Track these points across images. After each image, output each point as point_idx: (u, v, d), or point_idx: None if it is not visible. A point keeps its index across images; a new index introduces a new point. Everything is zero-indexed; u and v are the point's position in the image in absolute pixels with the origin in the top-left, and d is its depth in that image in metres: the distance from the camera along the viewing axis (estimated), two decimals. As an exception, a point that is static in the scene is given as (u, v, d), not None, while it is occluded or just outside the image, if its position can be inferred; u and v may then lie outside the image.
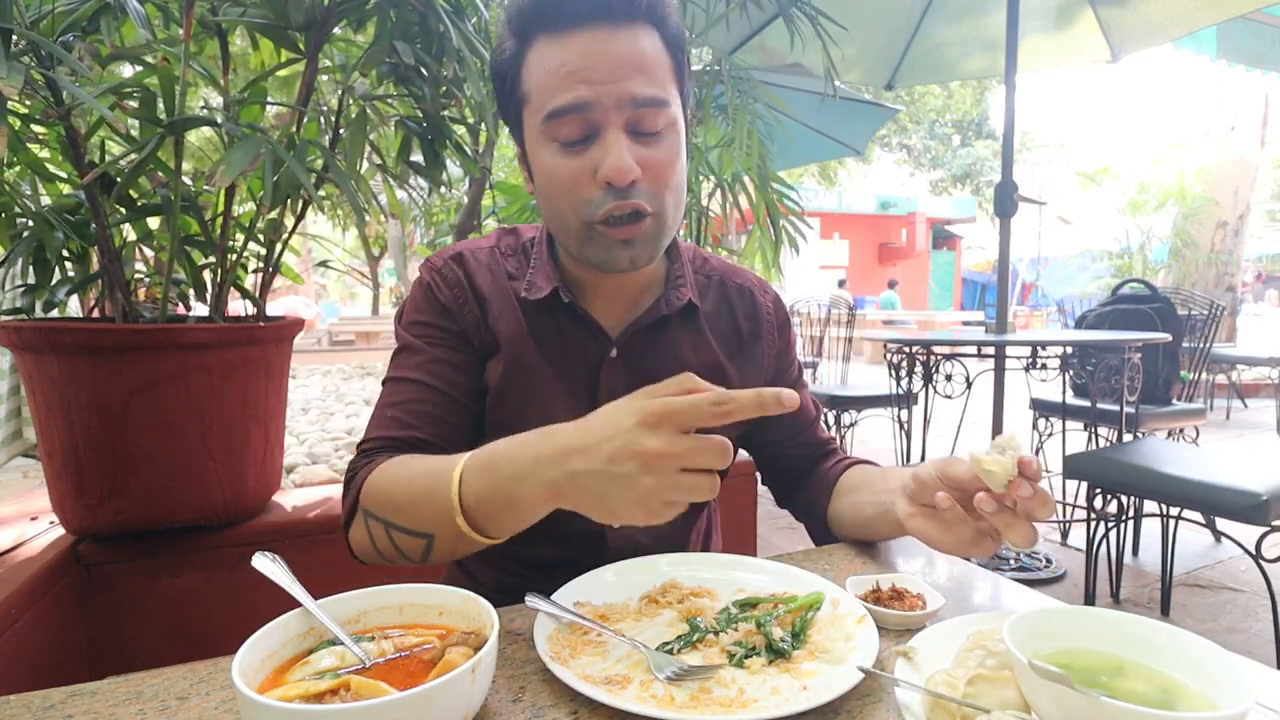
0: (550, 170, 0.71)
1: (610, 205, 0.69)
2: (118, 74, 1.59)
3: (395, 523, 0.67)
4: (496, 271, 0.83)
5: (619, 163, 0.67)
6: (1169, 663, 0.50)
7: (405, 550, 0.68)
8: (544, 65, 0.68)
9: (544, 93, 0.68)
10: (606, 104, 0.67)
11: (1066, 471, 2.26)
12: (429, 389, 0.78)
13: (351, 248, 10.68)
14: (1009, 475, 0.59)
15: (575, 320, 0.81)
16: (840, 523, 0.87)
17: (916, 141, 19.77)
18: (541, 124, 0.69)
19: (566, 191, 0.70)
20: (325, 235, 8.34)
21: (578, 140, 0.68)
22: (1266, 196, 17.13)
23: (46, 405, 1.13)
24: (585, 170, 0.69)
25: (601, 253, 0.72)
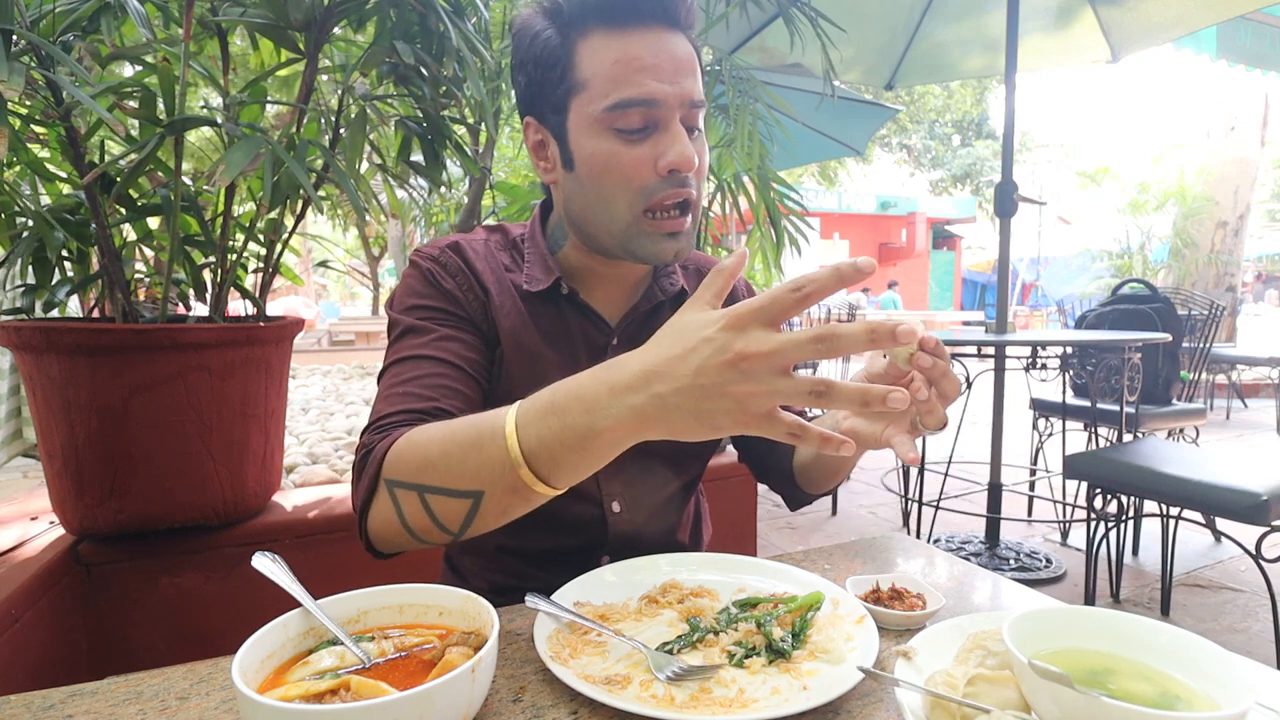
0: (607, 156, 0.72)
1: (668, 191, 0.72)
2: (118, 74, 1.59)
3: (432, 485, 0.60)
4: (493, 262, 0.84)
5: (687, 151, 0.71)
6: (1169, 663, 0.50)
7: (443, 518, 0.61)
8: (608, 55, 0.70)
9: (608, 82, 0.70)
10: (671, 101, 0.70)
11: (1066, 471, 2.26)
12: (443, 363, 0.74)
13: (351, 248, 10.68)
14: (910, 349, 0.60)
15: (576, 310, 0.83)
16: (803, 469, 0.89)
17: (916, 141, 19.77)
18: (602, 112, 0.71)
19: (625, 178, 0.72)
20: (325, 235, 8.33)
21: (637, 130, 0.71)
22: (1266, 196, 17.14)
23: (46, 405, 1.13)
24: (646, 158, 0.71)
25: (649, 244, 0.74)
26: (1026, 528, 3.20)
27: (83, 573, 1.22)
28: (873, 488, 3.85)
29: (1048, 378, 2.67)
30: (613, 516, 0.85)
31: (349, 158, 1.32)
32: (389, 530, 0.65)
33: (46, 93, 1.11)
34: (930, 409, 0.60)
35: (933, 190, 20.66)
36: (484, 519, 0.60)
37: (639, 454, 0.84)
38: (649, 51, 0.69)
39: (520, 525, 0.73)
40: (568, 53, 0.72)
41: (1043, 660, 0.45)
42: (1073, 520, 3.00)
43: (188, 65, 1.16)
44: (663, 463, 0.88)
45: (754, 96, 2.16)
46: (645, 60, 0.69)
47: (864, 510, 3.49)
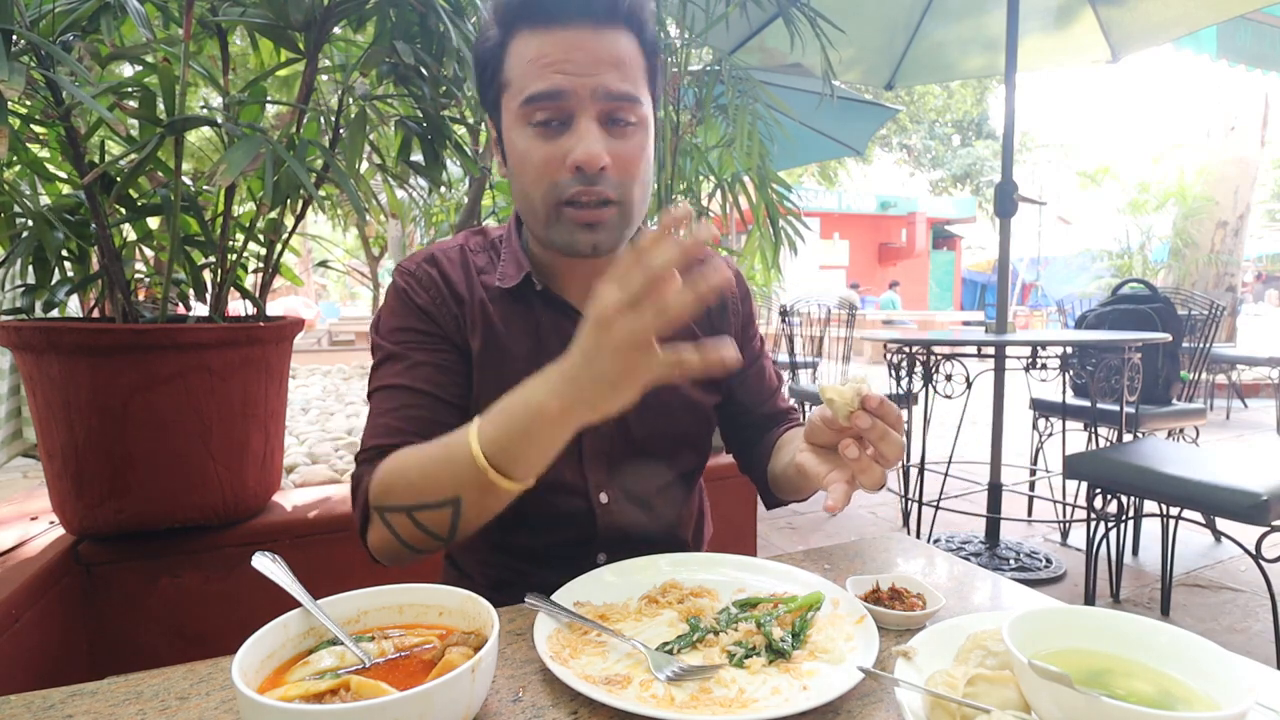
0: (523, 152, 0.74)
1: (576, 189, 0.73)
2: (118, 74, 1.59)
3: (415, 503, 0.67)
4: (468, 268, 0.85)
5: (590, 149, 0.71)
6: (1169, 663, 0.50)
7: (432, 528, 0.67)
8: (525, 54, 0.72)
9: (523, 79, 0.72)
10: (581, 94, 0.71)
11: (1066, 471, 2.26)
12: (416, 393, 0.79)
13: (351, 248, 10.67)
14: (850, 407, 0.63)
15: (549, 305, 0.84)
16: (774, 478, 0.90)
17: (916, 141, 19.76)
18: (518, 108, 0.73)
19: (538, 173, 0.73)
20: (325, 235, 8.33)
21: (551, 125, 0.72)
22: (1266, 196, 17.14)
23: (46, 405, 1.13)
24: (557, 154, 0.72)
25: (565, 235, 0.75)
26: (1026, 528, 3.20)
27: (83, 573, 1.22)
28: (873, 488, 3.85)
29: (1048, 378, 2.67)
30: (601, 508, 0.85)
31: (349, 158, 1.32)
32: (389, 549, 0.73)
33: (46, 93, 1.11)
34: (864, 469, 0.64)
35: (933, 190, 20.66)
36: (467, 520, 0.66)
37: (624, 443, 0.85)
38: (562, 47, 0.71)
39: (512, 523, 0.73)
40: (501, 52, 0.75)
41: (1043, 660, 0.45)
42: (1073, 520, 2.99)
43: (188, 65, 1.16)
44: (652, 452, 0.88)
45: (753, 96, 2.16)
46: (555, 55, 0.71)
47: (864, 510, 3.49)
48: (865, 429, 0.62)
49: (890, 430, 0.63)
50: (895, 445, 0.63)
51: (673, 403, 0.87)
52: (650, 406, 0.84)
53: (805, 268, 12.91)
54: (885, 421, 0.63)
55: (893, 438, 0.63)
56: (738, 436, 0.99)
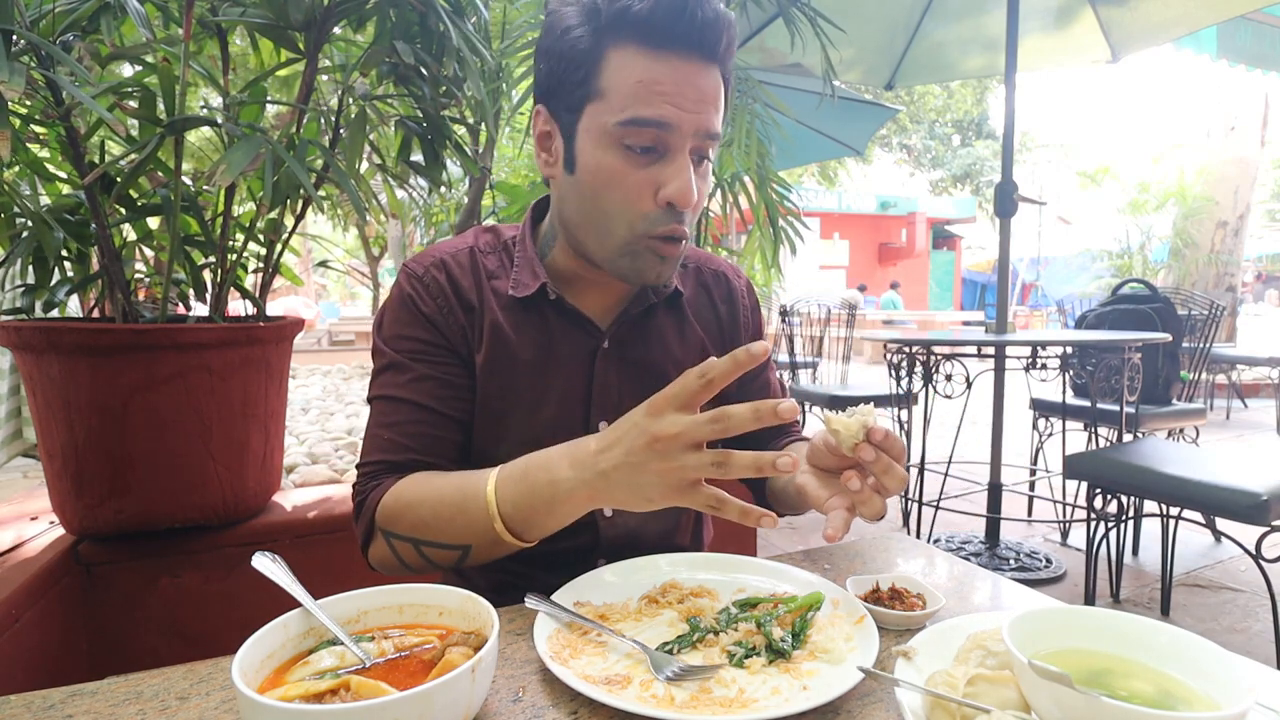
0: (610, 170, 0.71)
1: (667, 227, 0.72)
2: (118, 74, 1.59)
3: (426, 539, 0.71)
4: (477, 272, 0.83)
5: (689, 190, 0.71)
6: (1169, 663, 0.50)
7: (438, 561, 0.72)
8: (633, 72, 0.69)
9: (627, 98, 0.69)
10: (685, 130, 0.70)
11: (1066, 471, 2.26)
12: (421, 409, 0.78)
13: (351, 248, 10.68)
14: (854, 438, 0.64)
15: (563, 315, 0.82)
16: (773, 492, 0.90)
17: (916, 141, 19.76)
18: (614, 125, 0.70)
19: (625, 199, 0.72)
20: (325, 235, 8.33)
21: (645, 150, 0.71)
22: (1266, 196, 17.13)
23: (46, 405, 1.13)
24: (648, 184, 0.71)
25: (638, 264, 0.75)
26: (1026, 528, 3.20)
27: (83, 573, 1.22)
28: (873, 488, 3.85)
29: (1048, 378, 2.67)
30: (604, 521, 0.85)
31: (349, 158, 1.32)
32: (389, 566, 0.76)
33: (46, 93, 1.11)
34: (865, 499, 0.64)
35: (933, 190, 20.65)
36: (474, 561, 0.71)
37: None
38: (674, 77, 0.69)
39: None
40: (596, 59, 0.71)
41: (1043, 660, 0.45)
42: (1073, 520, 2.99)
43: (188, 65, 1.16)
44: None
45: (753, 96, 2.16)
46: (668, 85, 0.69)
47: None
48: (869, 461, 0.63)
49: (894, 463, 0.63)
50: (898, 478, 0.63)
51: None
52: None
53: (805, 268, 12.91)
54: (889, 454, 0.63)
55: (896, 471, 0.63)
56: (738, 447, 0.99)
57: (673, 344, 0.87)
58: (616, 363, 0.83)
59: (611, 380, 0.83)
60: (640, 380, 0.84)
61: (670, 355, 0.87)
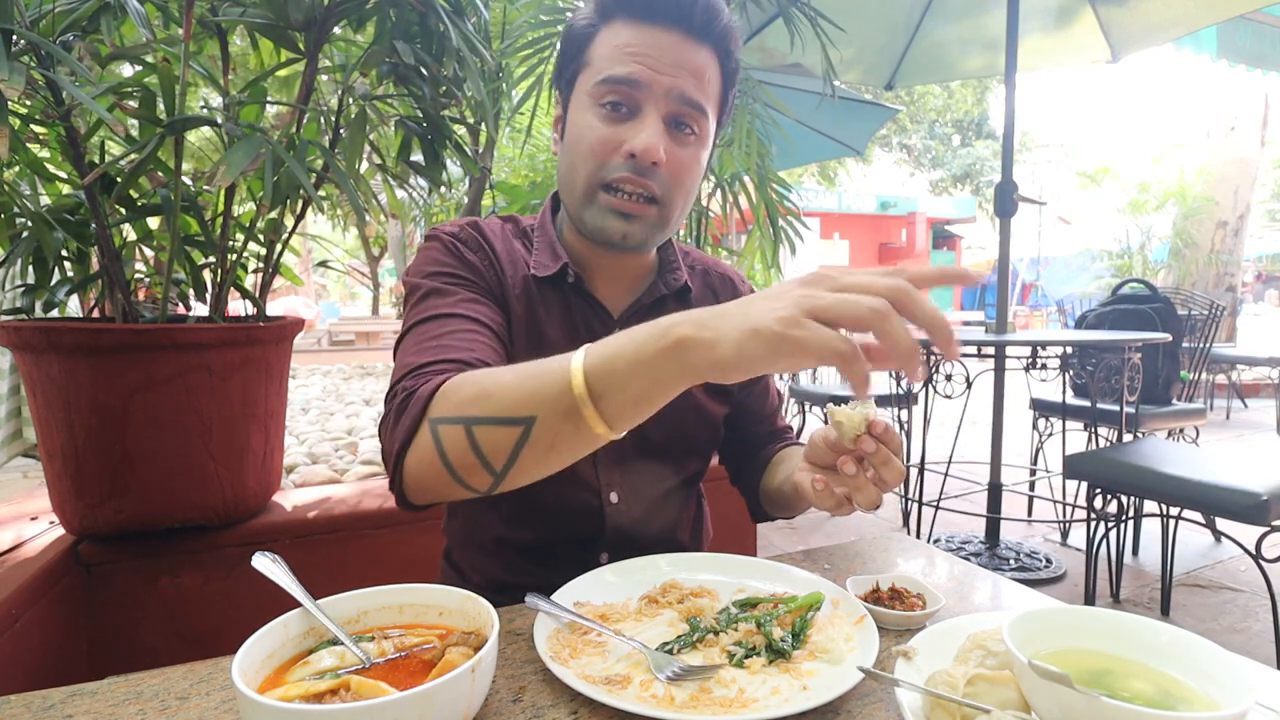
0: (584, 127, 0.75)
1: (622, 174, 0.74)
2: (118, 74, 1.58)
3: (483, 415, 0.57)
4: (508, 244, 0.85)
5: (649, 140, 0.72)
6: (1169, 663, 0.50)
7: (489, 450, 0.57)
8: (614, 40, 0.74)
9: (605, 61, 0.74)
10: (656, 90, 0.73)
11: (1066, 471, 2.26)
12: (475, 322, 0.72)
13: (351, 248, 10.67)
14: (856, 430, 0.64)
15: (581, 298, 0.85)
16: (767, 495, 0.91)
17: (916, 141, 19.76)
18: (592, 87, 0.74)
19: (590, 150, 0.74)
20: (325, 235, 8.33)
21: (619, 110, 0.74)
22: (1266, 196, 17.13)
23: (46, 405, 1.13)
24: (615, 138, 0.74)
25: (598, 218, 0.76)
26: (1026, 528, 3.20)
27: (83, 573, 1.22)
28: (873, 488, 3.85)
29: (1048, 378, 2.67)
30: (610, 507, 0.86)
31: (349, 158, 1.32)
32: (429, 472, 0.61)
33: (46, 93, 1.11)
34: (860, 487, 0.64)
35: (933, 190, 20.65)
36: (532, 451, 0.56)
37: (638, 445, 0.85)
38: (650, 42, 0.73)
39: (519, 515, 0.73)
40: (591, 35, 0.76)
41: (1043, 660, 0.45)
42: (1073, 520, 2.99)
43: (188, 65, 1.16)
44: (663, 456, 0.88)
45: (752, 96, 2.16)
46: (643, 48, 0.73)
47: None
48: (869, 453, 0.63)
49: (892, 456, 0.64)
50: (896, 470, 0.64)
51: (687, 410, 0.88)
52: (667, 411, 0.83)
53: (805, 268, 12.88)
54: (889, 447, 0.64)
55: (894, 464, 0.64)
56: (734, 449, 1.00)
57: None
58: None
59: None
60: None
61: None
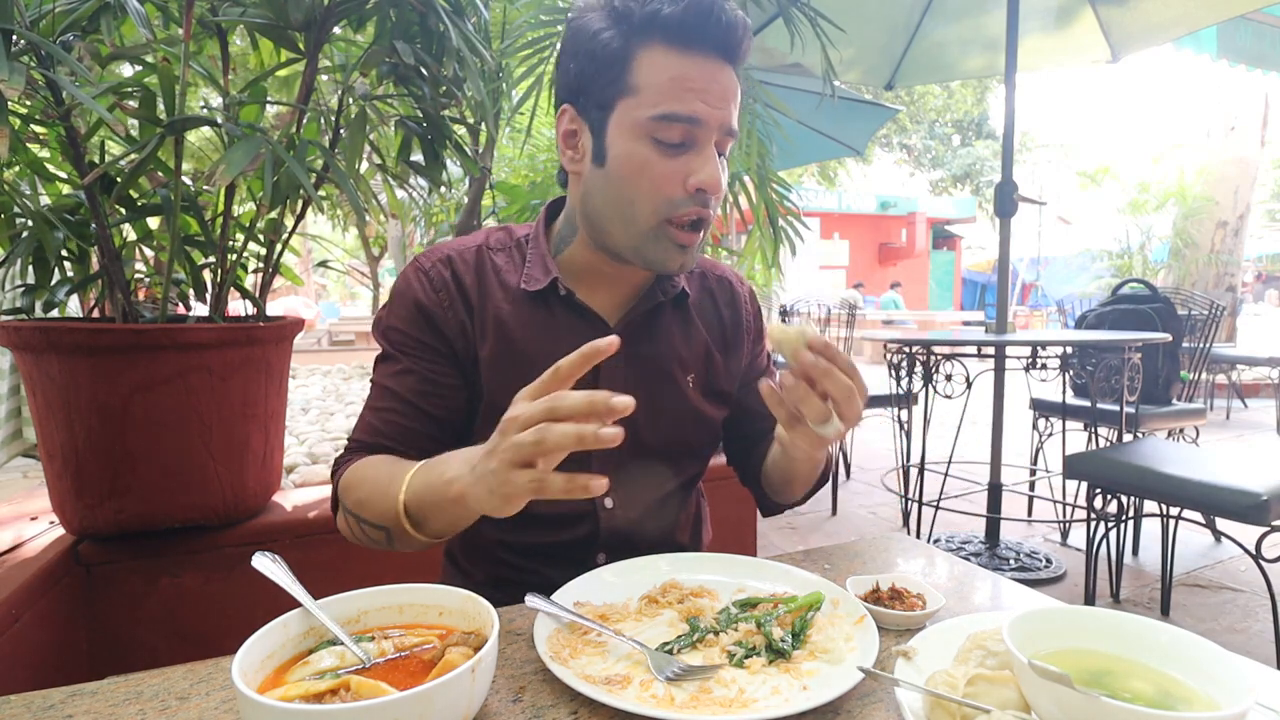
0: (642, 162, 0.75)
1: (693, 209, 0.76)
2: (118, 74, 1.59)
3: (361, 516, 0.75)
4: (483, 269, 0.85)
5: (718, 176, 0.75)
6: (1169, 663, 0.50)
7: (372, 540, 0.75)
8: (664, 70, 0.74)
9: (660, 94, 0.73)
10: (712, 125, 0.75)
11: (1066, 471, 2.26)
12: (404, 402, 0.83)
13: (351, 248, 10.68)
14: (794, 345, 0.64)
15: (572, 310, 0.84)
16: (766, 475, 0.92)
17: (916, 141, 19.76)
18: (647, 120, 0.74)
19: (654, 186, 0.75)
20: (325, 235, 8.33)
21: (673, 145, 0.75)
22: (1266, 196, 17.13)
23: (46, 405, 1.13)
24: (678, 173, 0.75)
25: (661, 252, 0.78)
26: (1026, 528, 3.20)
27: (83, 573, 1.22)
28: (873, 488, 3.85)
29: (1048, 378, 2.67)
30: (605, 512, 0.86)
31: (349, 158, 1.32)
32: (349, 536, 0.79)
33: (46, 93, 1.11)
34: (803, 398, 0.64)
35: (933, 190, 20.64)
36: (402, 543, 0.71)
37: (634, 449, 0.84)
38: (704, 76, 0.74)
39: (515, 521, 0.73)
40: (627, 57, 0.75)
41: (1043, 660, 0.45)
42: (1073, 520, 2.99)
43: (188, 65, 1.16)
44: (660, 459, 0.88)
45: (753, 96, 2.16)
46: (699, 83, 0.73)
47: (864, 510, 3.49)
48: (810, 365, 0.64)
49: (835, 370, 0.63)
50: (839, 384, 0.63)
51: (684, 413, 0.88)
52: (662, 416, 0.86)
53: (805, 268, 12.89)
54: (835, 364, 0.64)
55: (836, 377, 0.63)
56: (739, 446, 1.00)
57: (678, 343, 0.89)
58: (624, 359, 0.84)
59: (618, 376, 0.84)
60: (646, 377, 0.85)
61: (675, 354, 0.88)
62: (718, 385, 0.92)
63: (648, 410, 0.84)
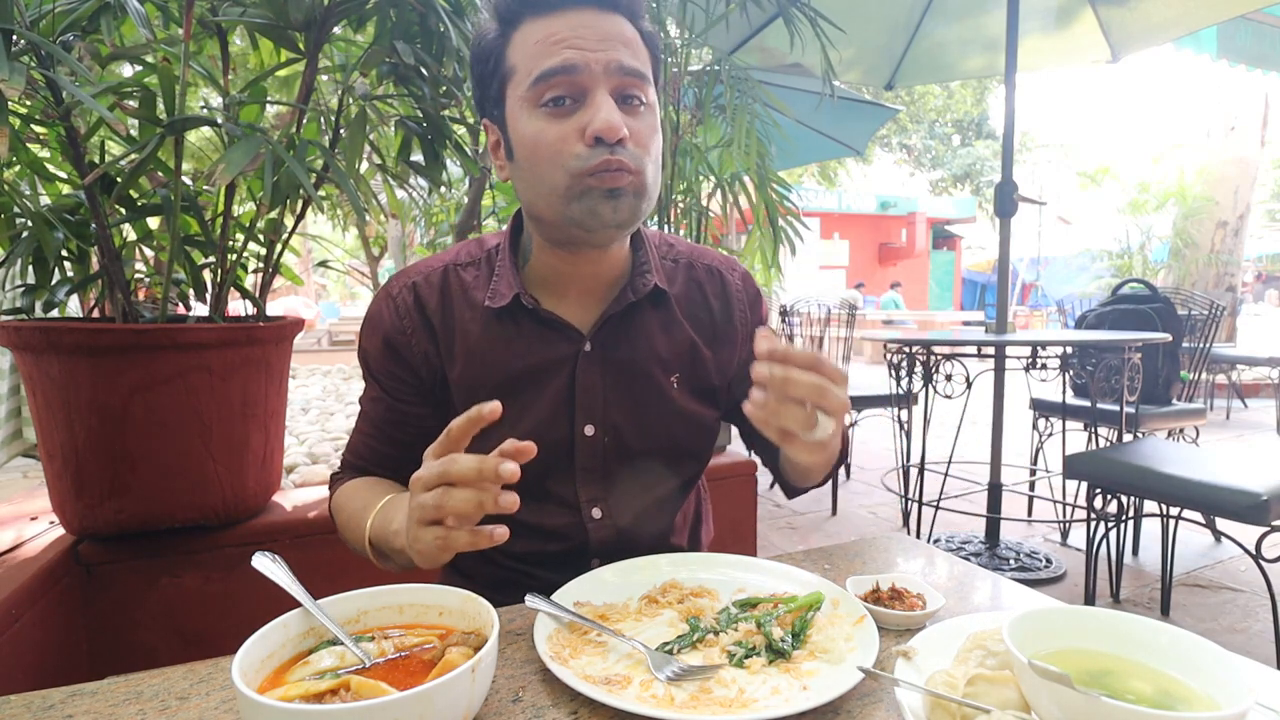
0: (535, 134, 0.71)
1: (599, 160, 0.69)
2: (118, 74, 1.59)
3: (346, 539, 0.82)
4: (448, 290, 0.83)
5: (610, 117, 0.69)
6: (1169, 663, 0.50)
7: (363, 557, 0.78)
8: (532, 38, 0.71)
9: (531, 61, 0.71)
10: (595, 69, 0.70)
11: (1066, 471, 2.26)
12: (378, 429, 0.87)
13: (351, 248, 10.67)
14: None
15: (541, 322, 0.81)
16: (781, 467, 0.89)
17: (916, 141, 19.75)
18: (527, 90, 0.71)
19: (554, 151, 0.71)
20: (325, 235, 8.33)
21: (564, 103, 0.70)
22: (1266, 196, 17.13)
23: (46, 405, 1.13)
24: (572, 130, 0.70)
25: (589, 204, 0.71)
26: (1026, 528, 3.20)
27: (83, 573, 1.22)
28: (873, 488, 3.85)
29: (1048, 378, 2.67)
30: (593, 524, 0.84)
31: (349, 158, 1.32)
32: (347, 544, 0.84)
33: (46, 93, 1.11)
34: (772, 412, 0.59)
35: (933, 190, 20.63)
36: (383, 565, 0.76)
37: (619, 456, 0.84)
38: (569, 26, 0.70)
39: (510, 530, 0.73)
40: (502, 45, 0.74)
41: (1043, 660, 0.45)
42: (1073, 520, 2.99)
43: (188, 65, 1.16)
44: (649, 464, 0.86)
45: (752, 96, 2.16)
46: (564, 34, 0.70)
47: (864, 510, 3.49)
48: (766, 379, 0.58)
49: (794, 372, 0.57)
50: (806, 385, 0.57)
51: (670, 415, 0.85)
52: (647, 420, 0.84)
53: (805, 268, 12.89)
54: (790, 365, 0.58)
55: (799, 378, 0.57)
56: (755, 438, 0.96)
57: (658, 343, 0.85)
58: (599, 365, 0.82)
59: (595, 383, 0.82)
60: (624, 381, 0.83)
61: (655, 355, 0.84)
62: (707, 382, 0.88)
63: (630, 415, 0.84)
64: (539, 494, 0.83)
